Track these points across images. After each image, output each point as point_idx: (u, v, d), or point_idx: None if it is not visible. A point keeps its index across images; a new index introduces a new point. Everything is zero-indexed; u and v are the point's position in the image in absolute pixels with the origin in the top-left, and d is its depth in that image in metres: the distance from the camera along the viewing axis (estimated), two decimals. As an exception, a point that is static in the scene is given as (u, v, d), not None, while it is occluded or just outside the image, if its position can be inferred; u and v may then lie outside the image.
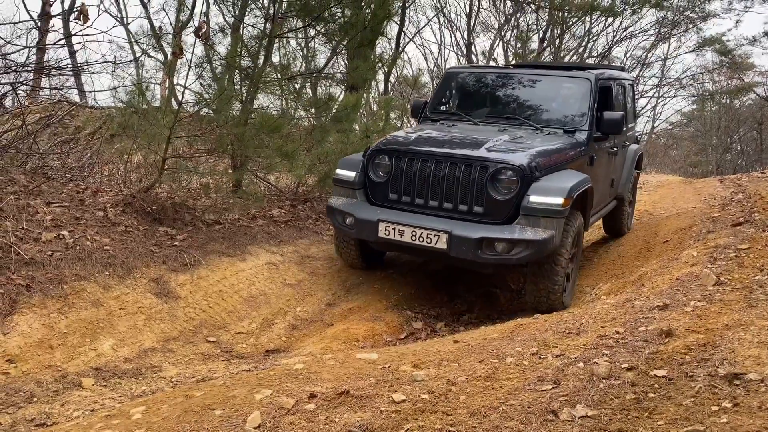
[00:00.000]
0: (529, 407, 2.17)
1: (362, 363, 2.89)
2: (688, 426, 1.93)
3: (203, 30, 4.88)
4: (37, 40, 7.22)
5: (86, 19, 4.27)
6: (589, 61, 18.91)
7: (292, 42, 9.42)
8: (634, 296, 3.80)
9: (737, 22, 25.17)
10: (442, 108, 6.32)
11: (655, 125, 27.20)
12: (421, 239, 4.75)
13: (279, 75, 7.16)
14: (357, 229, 5.09)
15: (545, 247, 4.56)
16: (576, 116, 5.71)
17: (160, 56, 9.02)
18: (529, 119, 5.72)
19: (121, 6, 10.65)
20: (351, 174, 5.32)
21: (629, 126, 7.14)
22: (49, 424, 3.22)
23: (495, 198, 4.71)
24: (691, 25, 20.33)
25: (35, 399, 3.53)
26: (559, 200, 4.61)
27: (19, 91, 6.76)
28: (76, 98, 9.71)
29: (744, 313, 3.03)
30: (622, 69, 7.54)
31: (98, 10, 5.23)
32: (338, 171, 5.49)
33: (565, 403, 2.18)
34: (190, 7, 8.43)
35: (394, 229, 4.85)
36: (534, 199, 4.63)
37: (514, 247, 4.58)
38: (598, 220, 6.60)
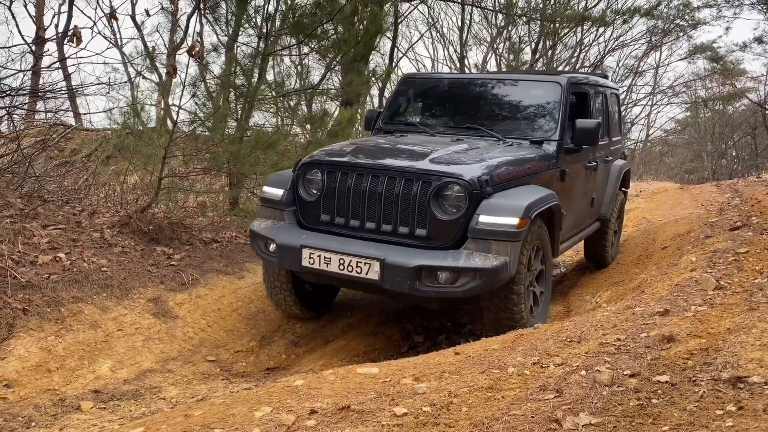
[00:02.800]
0: (532, 417, 2.15)
1: (363, 377, 2.86)
2: (693, 431, 1.91)
3: (196, 49, 4.90)
4: (31, 64, 7.25)
5: (79, 41, 4.29)
6: (582, 70, 19.01)
7: (286, 59, 9.48)
8: (635, 303, 3.78)
9: (727, 28, 25.56)
10: (396, 119, 5.62)
11: (650, 133, 27.34)
12: (349, 268, 4.00)
13: (273, 92, 7.19)
14: (279, 258, 4.32)
15: (496, 276, 3.83)
16: (544, 125, 5.04)
17: (154, 77, 9.09)
18: (492, 129, 5.02)
19: (115, 28, 10.72)
20: (278, 192, 4.57)
21: (612, 139, 6.49)
22: (47, 448, 3.18)
23: (440, 218, 3.99)
24: (681, 33, 20.53)
25: (34, 424, 3.50)
26: (513, 221, 3.90)
27: (15, 116, 6.77)
28: (72, 121, 9.74)
29: (745, 317, 3.02)
30: (605, 77, 6.97)
31: (92, 33, 5.26)
32: (265, 189, 4.73)
33: (568, 411, 2.16)
34: (183, 28, 8.49)
35: (319, 256, 4.10)
36: (484, 219, 3.92)
37: (459, 277, 3.85)
38: (577, 243, 5.89)
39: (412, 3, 14.50)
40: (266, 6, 6.90)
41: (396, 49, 15.89)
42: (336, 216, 4.29)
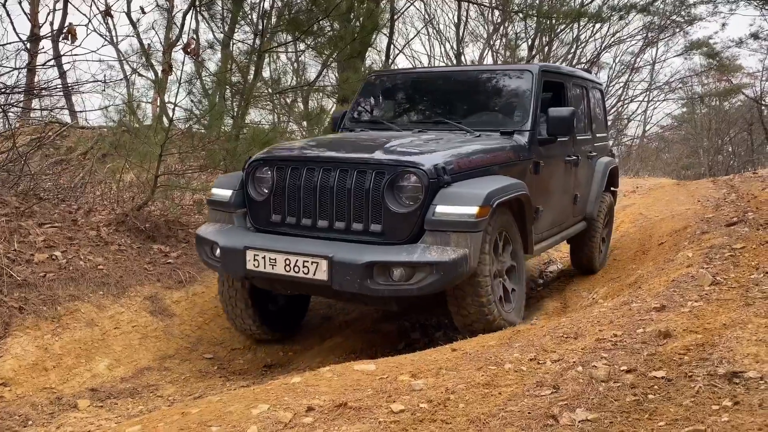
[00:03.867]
0: (529, 413, 2.15)
1: (360, 374, 2.86)
2: (689, 426, 1.91)
3: (192, 46, 4.88)
4: (26, 62, 7.22)
5: (74, 38, 4.27)
6: (579, 67, 19.02)
7: (282, 56, 9.46)
8: (631, 299, 3.79)
9: (723, 24, 25.38)
10: (363, 117, 5.42)
11: (646, 129, 27.38)
12: (296, 269, 3.72)
13: (270, 89, 7.17)
14: (223, 263, 4.05)
15: (455, 270, 3.57)
16: (515, 115, 4.80)
17: (150, 75, 9.06)
18: (461, 123, 4.78)
19: (110, 26, 10.68)
20: (226, 193, 4.29)
21: (597, 135, 6.32)
22: (44, 447, 3.18)
23: (395, 212, 3.72)
24: (677, 29, 20.54)
25: (30, 422, 3.49)
26: (472, 210, 3.64)
27: (10, 114, 6.75)
28: (67, 119, 9.70)
29: (741, 312, 3.03)
30: (588, 71, 6.73)
31: (86, 30, 5.24)
32: (213, 190, 4.45)
33: (565, 407, 2.16)
34: (179, 25, 8.46)
35: (264, 258, 3.82)
36: (441, 209, 3.66)
37: (415, 273, 3.58)
38: (560, 242, 5.66)
39: (409, -1, 14.48)
40: (262, 3, 6.89)
41: (392, 46, 15.84)
42: (287, 215, 4.03)
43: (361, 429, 2.16)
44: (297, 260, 3.73)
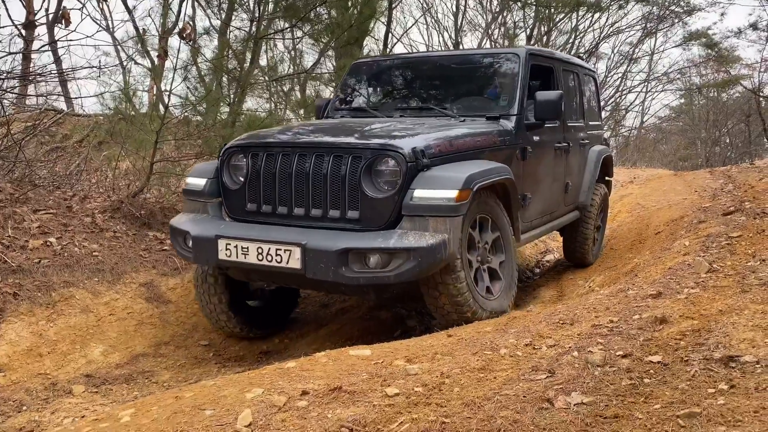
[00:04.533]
0: (524, 396, 2.15)
1: (355, 359, 2.86)
2: (685, 409, 1.91)
3: (188, 31, 4.83)
4: (22, 48, 7.16)
5: (68, 22, 4.22)
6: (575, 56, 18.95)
7: (279, 44, 9.40)
8: (628, 286, 3.78)
9: (722, 14, 25.49)
10: (346, 105, 5.29)
11: (644, 120, 27.36)
12: (269, 258, 3.59)
13: (266, 77, 7.13)
14: (195, 252, 3.92)
15: (433, 256, 3.42)
16: (501, 100, 4.68)
17: (146, 62, 9.02)
18: (446, 108, 4.68)
19: (106, 12, 10.59)
20: (201, 182, 4.16)
21: (589, 122, 6.21)
22: None
23: (373, 197, 3.59)
24: (676, 20, 20.47)
25: (25, 407, 3.49)
26: (451, 194, 3.50)
27: (4, 100, 6.70)
28: (63, 105, 9.65)
29: (737, 299, 3.02)
30: (580, 58, 6.66)
31: (81, 15, 5.19)
32: (188, 179, 4.33)
33: (560, 391, 2.15)
34: (175, 12, 8.41)
35: (236, 247, 3.69)
36: (419, 193, 3.53)
37: (392, 260, 3.44)
38: (550, 231, 5.54)
39: (407, -12, 14.37)
40: (259, -11, 6.83)
41: (390, 35, 15.77)
42: (263, 204, 3.89)
43: (355, 412, 2.15)
44: (269, 248, 3.60)
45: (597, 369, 2.34)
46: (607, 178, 6.68)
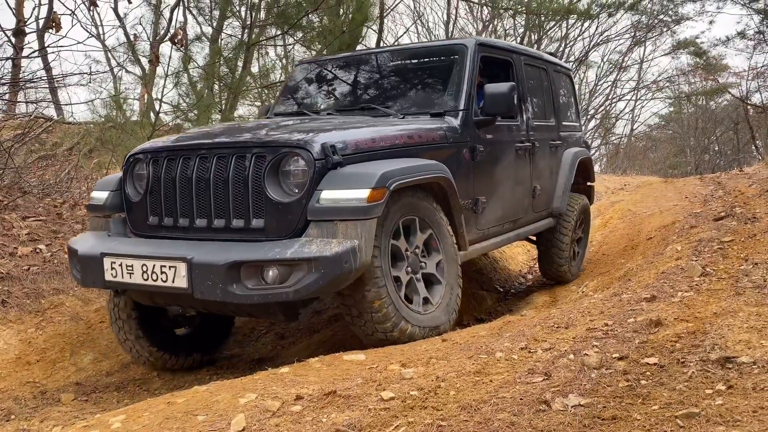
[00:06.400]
0: (521, 399, 2.13)
1: (349, 364, 2.83)
2: (683, 409, 1.89)
3: (179, 37, 4.81)
4: (12, 54, 7.11)
5: (59, 27, 4.19)
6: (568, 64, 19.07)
7: (271, 51, 9.40)
8: (622, 290, 3.78)
9: (711, 22, 25.73)
10: (285, 109, 4.93)
11: (634, 128, 27.55)
12: (154, 277, 3.12)
13: (258, 83, 7.12)
14: (82, 273, 3.45)
15: (339, 267, 2.93)
16: (446, 95, 4.28)
17: (137, 70, 8.99)
18: (389, 107, 4.31)
19: (96, 19, 10.54)
20: (103, 195, 3.72)
21: (563, 123, 5.79)
22: (27, 440, 3.12)
23: (278, 201, 3.12)
24: (665, 29, 20.69)
25: (13, 416, 3.43)
26: (362, 193, 3.04)
27: (-7, 107, 6.66)
28: (53, 112, 9.59)
29: (732, 301, 3.02)
30: (554, 55, 6.42)
31: (71, 21, 5.16)
32: (92, 194, 3.87)
33: (557, 393, 2.14)
34: (167, 19, 8.40)
35: (120, 266, 3.22)
36: (327, 195, 3.06)
37: (292, 273, 2.96)
38: (515, 240, 5.10)
39: (398, -4, 14.41)
40: (251, -4, 6.84)
41: (382, 43, 15.85)
42: (164, 215, 3.42)
43: (350, 416, 2.12)
44: (154, 266, 3.13)
45: (593, 371, 2.33)
46: (588, 184, 6.37)
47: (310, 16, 6.88)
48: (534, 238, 5.83)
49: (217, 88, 7.00)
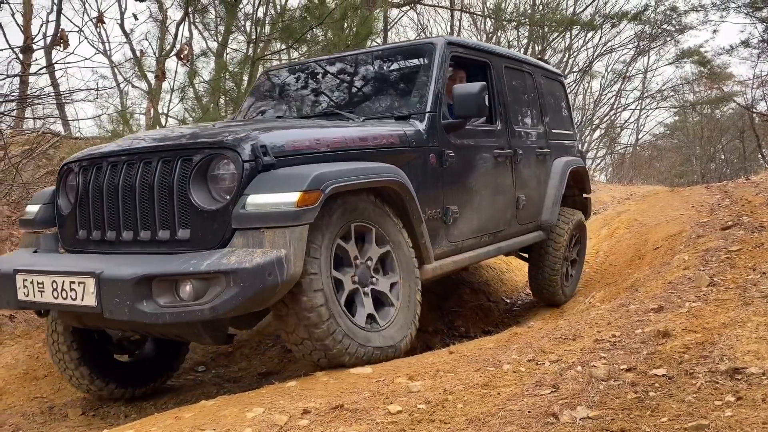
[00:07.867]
0: (529, 411, 2.12)
1: (356, 377, 2.83)
2: (692, 421, 1.88)
3: (185, 52, 4.86)
4: (20, 71, 7.20)
5: (66, 44, 4.24)
6: (571, 76, 19.13)
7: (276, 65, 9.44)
8: (629, 301, 3.77)
9: (714, 31, 25.81)
10: (249, 116, 4.75)
11: (639, 137, 27.55)
12: (63, 294, 2.83)
13: (263, 97, 7.16)
14: None
15: (262, 280, 2.61)
16: (411, 97, 4.04)
17: (143, 85, 9.07)
18: (353, 111, 4.08)
19: (103, 35, 10.66)
20: (34, 209, 3.50)
21: (552, 130, 5.51)
22: (35, 455, 3.13)
23: (204, 209, 2.84)
24: (669, 38, 20.73)
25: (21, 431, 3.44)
26: (291, 197, 2.74)
27: (2, 123, 6.72)
28: (60, 128, 9.68)
29: (740, 311, 3.01)
30: (544, 60, 6.20)
31: (79, 38, 5.22)
32: (27, 208, 3.64)
33: (565, 405, 2.13)
34: (173, 35, 8.49)
35: (32, 283, 2.95)
36: (253, 200, 2.77)
37: (209, 287, 2.64)
38: (496, 254, 4.79)
39: (402, 9, 14.54)
40: (255, 11, 6.89)
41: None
42: (93, 228, 3.16)
43: (358, 430, 2.12)
44: (63, 282, 2.84)
45: (601, 383, 2.32)
46: (584, 195, 6.05)
47: (314, 30, 6.93)
48: (526, 255, 5.58)
49: (222, 103, 7.04)
